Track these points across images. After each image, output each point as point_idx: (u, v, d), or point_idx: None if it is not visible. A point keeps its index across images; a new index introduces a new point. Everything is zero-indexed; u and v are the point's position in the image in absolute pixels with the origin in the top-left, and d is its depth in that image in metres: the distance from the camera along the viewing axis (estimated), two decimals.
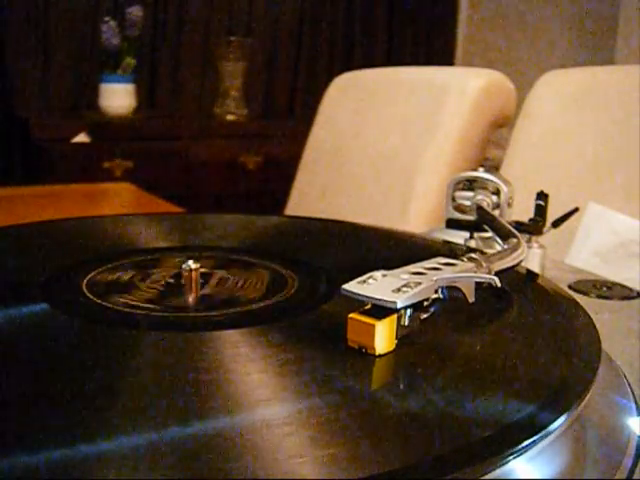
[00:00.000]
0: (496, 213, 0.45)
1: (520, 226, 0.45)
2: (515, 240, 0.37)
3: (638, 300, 0.42)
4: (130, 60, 2.00)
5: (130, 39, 1.99)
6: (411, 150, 1.02)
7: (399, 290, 0.26)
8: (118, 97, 2.00)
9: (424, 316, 0.28)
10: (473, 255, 0.32)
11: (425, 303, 0.28)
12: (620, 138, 0.78)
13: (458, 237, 0.46)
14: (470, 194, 0.46)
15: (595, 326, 0.30)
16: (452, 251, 0.42)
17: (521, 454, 0.21)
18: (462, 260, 0.31)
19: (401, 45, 2.56)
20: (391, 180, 1.04)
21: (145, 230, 0.46)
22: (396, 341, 0.26)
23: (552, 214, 0.47)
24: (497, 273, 0.32)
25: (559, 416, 0.22)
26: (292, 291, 0.34)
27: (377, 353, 0.26)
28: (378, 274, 0.28)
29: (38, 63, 2.03)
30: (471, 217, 0.46)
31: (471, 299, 0.30)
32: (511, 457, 0.21)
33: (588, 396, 0.24)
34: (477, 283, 0.31)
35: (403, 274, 0.28)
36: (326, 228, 0.49)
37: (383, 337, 0.26)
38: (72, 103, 2.09)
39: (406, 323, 0.27)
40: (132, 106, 2.02)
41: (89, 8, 2.06)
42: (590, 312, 0.32)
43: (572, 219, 0.49)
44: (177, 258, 0.38)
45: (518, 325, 0.32)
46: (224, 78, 2.15)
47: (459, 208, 0.47)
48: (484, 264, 0.31)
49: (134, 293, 0.33)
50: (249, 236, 0.46)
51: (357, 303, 0.26)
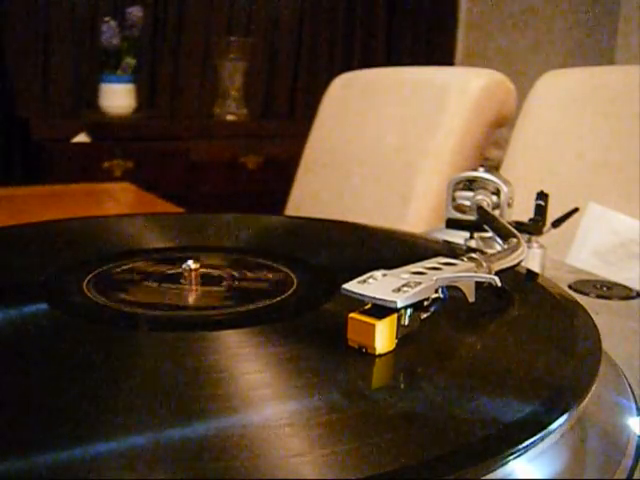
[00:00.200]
0: (496, 213, 0.45)
1: (520, 226, 0.45)
2: (515, 240, 0.37)
3: (638, 300, 0.42)
4: (130, 60, 2.00)
5: (130, 39, 1.99)
6: (411, 150, 1.02)
7: (399, 290, 0.26)
8: (118, 97, 2.00)
9: (424, 316, 0.28)
10: (473, 255, 0.32)
11: (425, 303, 0.28)
12: (620, 138, 0.78)
13: (458, 237, 0.46)
14: (470, 194, 0.46)
15: (595, 326, 0.30)
16: (452, 251, 0.42)
17: (521, 454, 0.21)
18: (462, 260, 0.31)
19: (401, 45, 2.56)
20: (391, 180, 1.04)
21: (145, 230, 0.46)
22: (396, 341, 0.26)
23: (552, 214, 0.47)
24: (497, 273, 0.32)
25: (559, 416, 0.22)
26: (292, 291, 0.34)
27: (377, 353, 0.26)
28: (378, 274, 0.28)
29: (38, 63, 2.03)
30: (471, 217, 0.46)
31: (471, 299, 0.30)
32: (511, 457, 0.21)
33: (588, 396, 0.24)
34: (477, 283, 0.31)
35: (403, 274, 0.28)
36: (326, 228, 0.49)
37: (383, 337, 0.26)
38: (72, 103, 2.09)
39: (406, 323, 0.27)
40: (132, 106, 2.02)
41: (89, 8, 2.06)
42: (590, 312, 0.32)
43: (572, 219, 0.49)
44: (177, 258, 0.38)
45: (518, 325, 0.32)
46: (224, 78, 2.15)
47: (459, 208, 0.47)
48: (484, 264, 0.31)
49: (134, 293, 0.33)
50: (249, 236, 0.46)
51: (357, 303, 0.26)
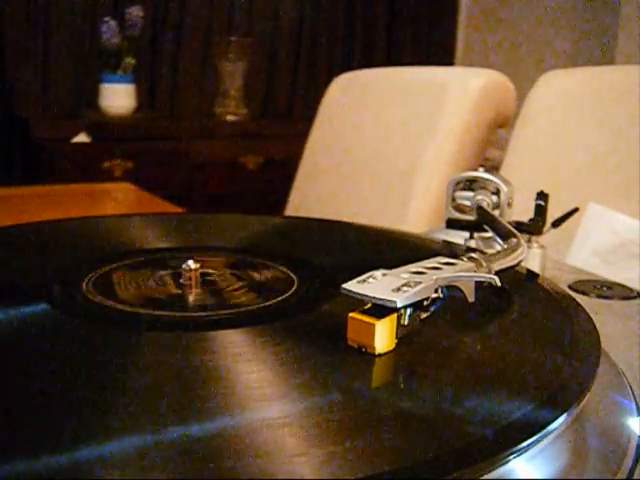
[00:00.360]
0: (496, 213, 0.45)
1: (520, 226, 0.45)
2: (515, 240, 0.37)
3: (638, 300, 0.42)
4: (130, 60, 2.00)
5: (130, 39, 1.99)
6: (411, 150, 1.02)
7: (399, 289, 0.26)
8: (118, 97, 2.00)
9: (424, 315, 0.28)
10: (473, 255, 0.32)
11: (425, 302, 0.28)
12: (620, 138, 0.78)
13: (458, 237, 0.46)
14: (470, 194, 0.46)
15: (595, 326, 0.30)
16: (452, 251, 0.42)
17: (521, 454, 0.21)
18: (462, 260, 0.31)
19: (401, 45, 2.56)
20: (391, 180, 1.04)
21: (145, 230, 0.46)
22: (396, 340, 0.26)
23: (552, 214, 0.47)
24: (497, 273, 0.32)
25: (559, 416, 0.22)
26: (292, 291, 0.34)
27: (377, 352, 0.26)
28: (378, 273, 0.28)
29: (38, 63, 2.03)
30: (471, 217, 0.46)
31: (471, 299, 0.30)
32: (511, 457, 0.21)
33: (588, 396, 0.24)
34: (477, 283, 0.31)
35: (403, 273, 0.28)
36: (326, 228, 0.49)
37: (383, 336, 0.26)
38: (72, 103, 2.09)
39: (406, 322, 0.27)
40: (132, 106, 2.02)
41: (89, 8, 2.06)
42: (590, 312, 0.32)
43: (572, 219, 0.49)
44: (177, 258, 0.38)
45: (518, 325, 0.32)
46: (224, 78, 2.15)
47: (459, 208, 0.47)
48: (484, 264, 0.31)
49: (134, 293, 0.33)
50: (249, 236, 0.46)
51: (357, 302, 0.26)
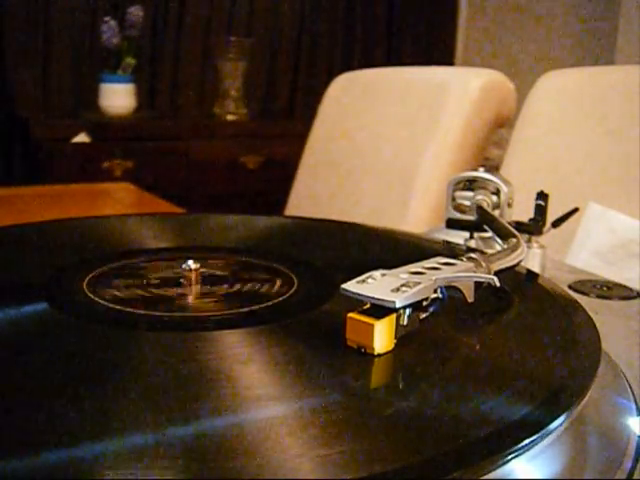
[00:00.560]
0: (496, 213, 0.45)
1: (520, 226, 0.45)
2: (515, 240, 0.37)
3: (638, 300, 0.42)
4: (130, 60, 2.00)
5: (130, 39, 1.99)
6: (411, 150, 1.02)
7: (398, 290, 0.26)
8: (118, 97, 2.00)
9: (423, 316, 0.28)
10: (473, 255, 0.32)
11: (424, 303, 0.28)
12: (620, 138, 0.78)
13: (458, 237, 0.46)
14: (470, 194, 0.46)
15: (595, 326, 0.30)
16: (452, 251, 0.42)
17: (521, 454, 0.21)
18: (461, 260, 0.31)
19: (401, 45, 2.56)
20: (391, 180, 1.04)
21: (145, 230, 0.46)
22: (395, 341, 0.26)
23: (552, 214, 0.47)
24: (497, 273, 0.32)
25: (559, 416, 0.22)
26: (292, 291, 0.34)
27: (376, 353, 0.26)
28: (377, 274, 0.28)
29: (38, 63, 2.03)
30: (471, 217, 0.46)
31: (470, 299, 0.30)
32: (511, 457, 0.21)
33: (588, 396, 0.24)
34: (477, 283, 0.31)
35: (402, 274, 0.28)
36: (326, 228, 0.49)
37: (382, 337, 0.26)
38: (72, 103, 2.09)
39: (405, 323, 0.27)
40: (132, 106, 2.02)
41: (89, 8, 2.06)
42: (590, 312, 0.32)
43: (572, 219, 0.49)
44: (177, 258, 0.38)
45: (518, 325, 0.32)
46: (224, 78, 2.15)
47: (459, 208, 0.47)
48: (483, 264, 0.31)
49: (134, 293, 0.33)
50: (249, 236, 0.46)
51: (356, 303, 0.26)
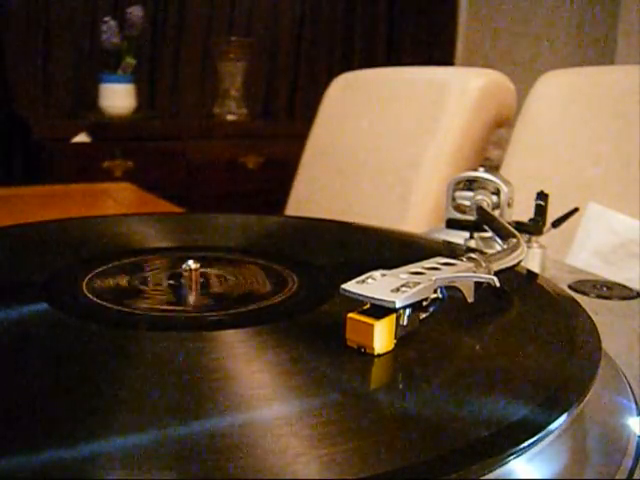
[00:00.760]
0: (496, 213, 0.45)
1: (520, 226, 0.45)
2: (515, 240, 0.37)
3: (638, 300, 0.42)
4: (130, 60, 2.00)
5: (130, 39, 1.99)
6: (411, 150, 1.02)
7: (398, 290, 0.26)
8: (118, 97, 2.00)
9: (423, 316, 0.28)
10: (472, 255, 0.32)
11: (424, 303, 0.28)
12: (620, 138, 0.78)
13: (458, 237, 0.46)
14: (470, 194, 0.46)
15: (595, 326, 0.30)
16: (452, 251, 0.42)
17: (521, 454, 0.21)
18: (461, 260, 0.31)
19: (401, 45, 2.56)
20: (391, 180, 1.04)
21: (145, 230, 0.46)
22: (395, 341, 0.26)
23: (552, 214, 0.47)
24: (497, 273, 0.32)
25: (559, 416, 0.22)
26: (292, 291, 0.34)
27: (376, 353, 0.26)
28: (377, 274, 0.28)
29: (38, 63, 2.03)
30: (471, 217, 0.46)
31: (470, 299, 0.30)
32: (511, 457, 0.21)
33: (588, 396, 0.24)
34: (477, 283, 0.31)
35: (402, 274, 0.28)
36: (326, 228, 0.49)
37: (382, 337, 0.26)
38: (72, 103, 2.09)
39: (405, 323, 0.27)
40: (132, 106, 2.02)
41: (89, 8, 2.06)
42: (590, 312, 0.32)
43: (572, 219, 0.49)
44: (177, 258, 0.38)
45: (518, 325, 0.32)
46: (224, 78, 2.15)
47: (459, 208, 0.47)
48: (483, 264, 0.31)
49: (134, 293, 0.33)
50: (249, 236, 0.46)
51: (356, 303, 0.26)
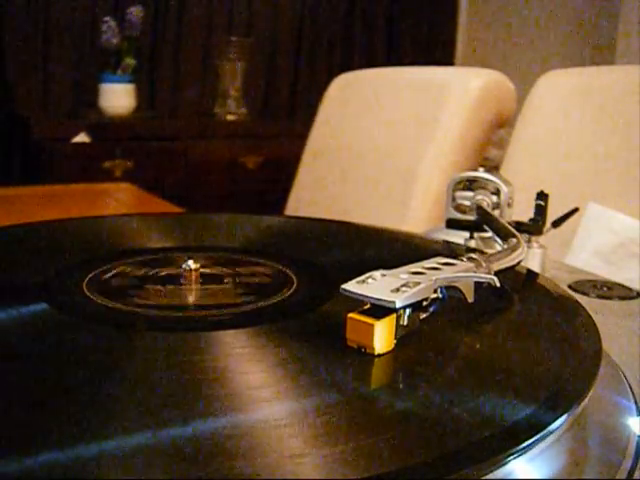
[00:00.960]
0: (496, 213, 0.45)
1: (520, 226, 0.45)
2: (515, 240, 0.37)
3: (638, 300, 0.42)
4: (130, 60, 2.00)
5: (130, 39, 1.99)
6: (411, 150, 1.02)
7: (398, 290, 0.26)
8: (118, 97, 2.00)
9: (423, 316, 0.28)
10: (473, 255, 0.32)
11: (424, 303, 0.28)
12: (620, 138, 0.78)
13: (458, 237, 0.46)
14: (470, 194, 0.46)
15: (595, 326, 0.30)
16: (452, 251, 0.42)
17: (521, 454, 0.21)
18: (461, 260, 0.31)
19: (401, 45, 2.56)
20: (391, 180, 1.04)
21: (145, 230, 0.46)
22: (395, 341, 0.26)
23: (552, 214, 0.47)
24: (497, 273, 0.32)
25: (559, 416, 0.22)
26: (292, 291, 0.34)
27: (376, 353, 0.26)
28: (377, 274, 0.28)
29: (38, 63, 2.03)
30: (471, 217, 0.46)
31: (470, 299, 0.30)
32: (511, 457, 0.21)
33: (588, 396, 0.24)
34: (477, 283, 0.31)
35: (402, 274, 0.28)
36: (326, 228, 0.49)
37: (382, 337, 0.26)
38: (72, 103, 2.09)
39: (405, 323, 0.27)
40: (132, 106, 2.02)
41: (89, 8, 2.06)
42: (590, 312, 0.32)
43: (572, 219, 0.49)
44: (177, 258, 0.38)
45: (518, 325, 0.32)
46: (224, 78, 2.15)
47: (459, 208, 0.47)
48: (484, 264, 0.31)
49: (134, 293, 0.33)
50: (249, 236, 0.46)
51: (356, 303, 0.26)
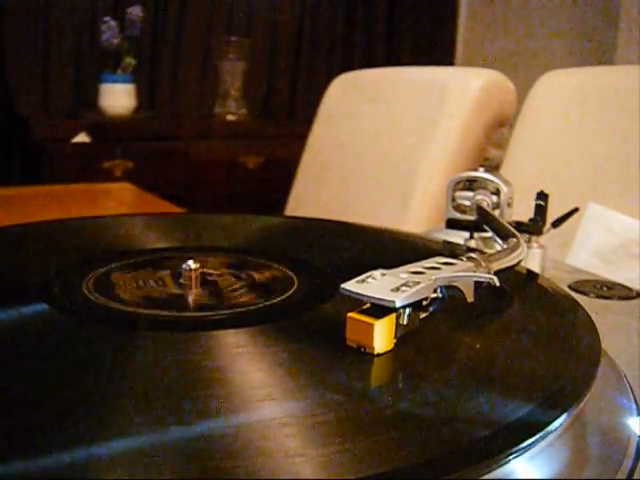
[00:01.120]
0: (496, 213, 0.45)
1: (520, 226, 0.45)
2: (515, 240, 0.37)
3: (638, 300, 0.42)
4: (130, 60, 2.00)
5: (130, 39, 1.99)
6: (411, 150, 1.02)
7: (398, 289, 0.26)
8: (118, 97, 2.00)
9: (423, 315, 0.28)
10: (472, 255, 0.32)
11: (424, 302, 0.28)
12: (620, 138, 0.78)
13: (458, 237, 0.46)
14: (470, 194, 0.46)
15: (595, 326, 0.30)
16: (452, 251, 0.42)
17: (521, 454, 0.21)
18: (461, 260, 0.31)
19: (401, 45, 2.56)
20: (391, 180, 1.04)
21: (145, 230, 0.46)
22: (395, 340, 0.26)
23: (552, 214, 0.47)
24: (497, 273, 0.32)
25: (559, 416, 0.22)
26: (292, 291, 0.34)
27: (376, 352, 0.26)
28: (377, 273, 0.28)
29: (38, 63, 2.03)
30: (471, 217, 0.46)
31: (470, 299, 0.30)
32: (511, 457, 0.21)
33: (588, 396, 0.24)
34: (477, 283, 0.31)
35: (402, 273, 0.28)
36: (326, 228, 0.49)
37: (382, 336, 0.26)
38: (72, 103, 2.09)
39: (405, 322, 0.27)
40: (132, 106, 2.02)
41: (89, 8, 2.06)
42: (590, 312, 0.32)
43: (572, 219, 0.49)
44: (177, 258, 0.38)
45: (518, 325, 0.32)
46: (224, 78, 2.15)
47: (459, 208, 0.47)
48: (483, 264, 0.31)
49: (134, 293, 0.33)
50: (249, 236, 0.46)
51: (356, 302, 0.26)
